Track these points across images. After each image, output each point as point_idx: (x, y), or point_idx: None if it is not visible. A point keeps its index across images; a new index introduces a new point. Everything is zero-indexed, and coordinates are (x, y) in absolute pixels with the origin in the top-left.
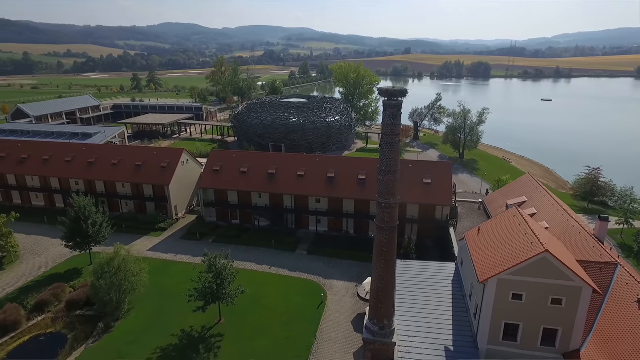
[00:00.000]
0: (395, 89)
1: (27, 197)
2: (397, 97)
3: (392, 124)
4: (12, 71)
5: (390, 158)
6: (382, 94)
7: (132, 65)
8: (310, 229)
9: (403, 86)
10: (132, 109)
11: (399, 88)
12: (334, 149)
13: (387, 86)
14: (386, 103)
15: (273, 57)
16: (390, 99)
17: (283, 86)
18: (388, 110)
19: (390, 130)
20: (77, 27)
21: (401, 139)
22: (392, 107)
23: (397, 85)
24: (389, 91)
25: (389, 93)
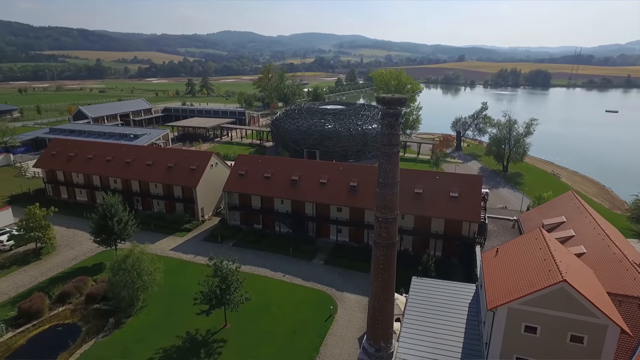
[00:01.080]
0: (393, 98)
1: (73, 192)
2: (395, 106)
3: (389, 134)
4: (85, 76)
5: (387, 170)
6: (380, 102)
7: (190, 71)
8: (331, 238)
9: (400, 95)
10: (181, 113)
11: (398, 96)
12: (369, 157)
13: (386, 94)
14: (384, 112)
15: (323, 64)
16: (388, 108)
17: (329, 93)
18: (386, 119)
19: (388, 141)
20: (144, 35)
21: (441, 149)
22: (389, 116)
23: (395, 94)
24: (386, 99)
25: (386, 101)
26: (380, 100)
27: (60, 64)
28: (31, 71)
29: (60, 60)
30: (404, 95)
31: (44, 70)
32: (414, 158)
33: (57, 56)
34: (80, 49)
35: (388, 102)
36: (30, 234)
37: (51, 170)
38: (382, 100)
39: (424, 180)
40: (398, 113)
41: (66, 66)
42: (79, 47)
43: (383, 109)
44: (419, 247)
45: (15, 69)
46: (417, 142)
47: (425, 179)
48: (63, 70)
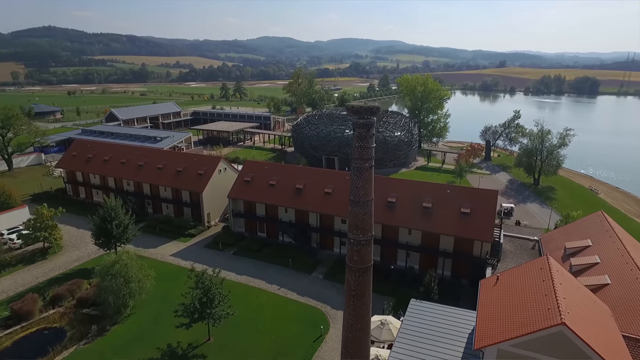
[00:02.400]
0: (364, 106)
1: (90, 193)
2: (366, 115)
3: (360, 147)
4: (130, 79)
5: (359, 186)
6: (349, 112)
7: (228, 76)
8: (335, 250)
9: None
10: (209, 116)
11: (369, 105)
12: (390, 165)
13: (358, 102)
14: (354, 122)
15: (358, 70)
16: (358, 118)
17: (360, 98)
18: (356, 130)
19: (359, 154)
20: (187, 41)
21: (467, 159)
22: (360, 126)
23: (368, 102)
24: (355, 108)
25: (355, 111)
26: (349, 110)
27: (109, 68)
28: (82, 75)
29: (108, 64)
30: (375, 104)
31: (93, 74)
32: (437, 168)
33: (106, 61)
34: (128, 54)
35: (357, 111)
36: (37, 233)
37: (71, 171)
38: (351, 110)
39: (433, 193)
40: (369, 123)
41: (113, 70)
42: (127, 52)
43: (353, 119)
44: (426, 265)
45: (68, 73)
46: (442, 150)
47: (435, 193)
48: (110, 74)
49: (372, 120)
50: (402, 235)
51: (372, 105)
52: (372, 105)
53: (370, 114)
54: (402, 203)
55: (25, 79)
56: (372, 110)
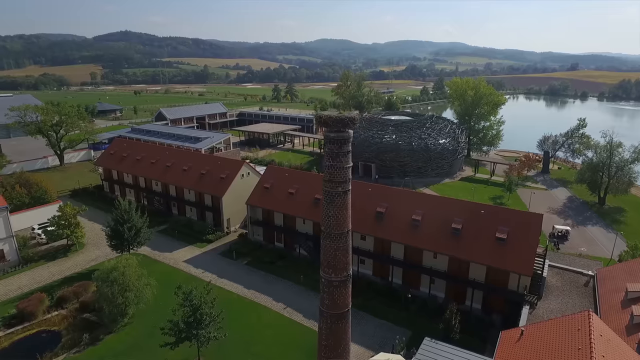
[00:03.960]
0: (335, 117)
1: (124, 191)
2: (337, 127)
3: (331, 167)
4: (192, 80)
5: (329, 215)
6: (319, 122)
7: (283, 77)
8: (353, 268)
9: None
10: (253, 117)
11: (345, 115)
12: (432, 174)
13: (330, 111)
14: (325, 135)
15: (414, 72)
16: (329, 130)
17: (412, 102)
18: (327, 146)
19: (330, 176)
20: (248, 44)
21: (520, 172)
22: (331, 141)
23: (348, 111)
24: (323, 119)
25: (323, 121)
26: (318, 120)
27: (174, 70)
28: (150, 75)
29: (174, 66)
30: (351, 114)
31: (159, 75)
32: (485, 179)
33: (172, 62)
34: (193, 56)
35: (325, 122)
36: (59, 231)
37: (107, 169)
38: (319, 120)
39: (465, 213)
40: (343, 138)
41: (177, 71)
42: (192, 54)
43: (325, 132)
44: (452, 295)
45: (138, 74)
46: (492, 161)
47: (467, 212)
48: (175, 75)
49: (346, 134)
50: (426, 259)
51: (345, 115)
52: (346, 115)
53: (342, 126)
54: (429, 222)
55: (101, 79)
56: (344, 121)
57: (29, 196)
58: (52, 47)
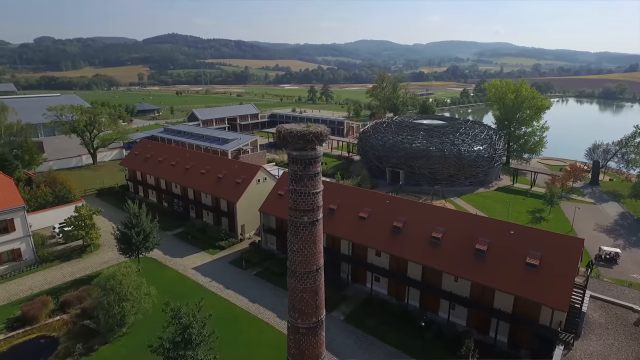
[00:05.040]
0: (300, 132)
1: (146, 192)
2: (303, 145)
3: (294, 192)
4: (232, 81)
5: (294, 250)
6: (278, 138)
7: (321, 78)
8: (367, 285)
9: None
10: (285, 119)
11: (308, 130)
12: (465, 183)
13: (294, 125)
14: (287, 154)
15: (455, 73)
16: (291, 149)
17: (451, 104)
18: (290, 166)
19: (294, 202)
20: (289, 45)
21: (564, 183)
22: (294, 161)
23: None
24: (283, 134)
25: (283, 137)
26: (277, 135)
27: (215, 71)
28: (192, 76)
29: (216, 67)
30: (317, 129)
31: (201, 76)
32: (524, 190)
33: (215, 64)
34: (234, 57)
35: (284, 138)
36: (74, 231)
37: (132, 169)
38: (278, 135)
39: (491, 232)
40: (307, 158)
41: (219, 72)
42: (234, 56)
43: (287, 151)
44: (474, 324)
45: (182, 75)
46: (533, 170)
47: (493, 232)
48: (216, 76)
49: (311, 153)
50: (446, 282)
51: (310, 130)
52: (310, 130)
53: (305, 144)
54: (450, 241)
55: (147, 79)
56: (306, 138)
57: (53, 195)
58: (105, 49)
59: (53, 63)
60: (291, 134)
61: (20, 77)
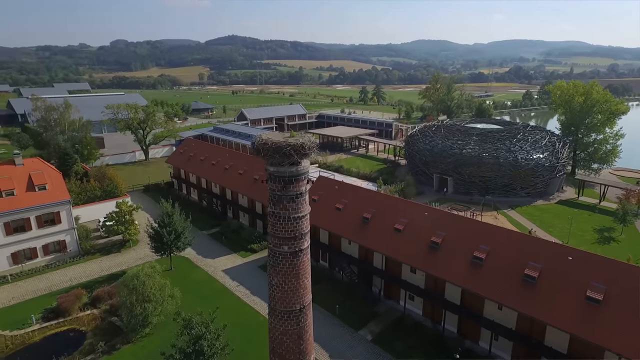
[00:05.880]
0: (275, 143)
1: (189, 190)
2: (280, 160)
3: (273, 215)
4: (286, 81)
5: (273, 284)
6: (255, 151)
7: (375, 79)
8: (400, 303)
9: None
10: (332, 120)
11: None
12: (521, 194)
13: (274, 134)
14: (265, 169)
15: (519, 74)
16: (267, 163)
17: (511, 107)
18: (269, 184)
19: (272, 228)
20: (344, 46)
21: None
22: (272, 179)
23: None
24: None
25: (257, 149)
26: (255, 147)
27: (271, 71)
28: (249, 77)
29: (272, 67)
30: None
31: (257, 76)
32: (592, 205)
33: (271, 64)
34: (290, 58)
35: (257, 150)
36: (114, 227)
37: (176, 167)
38: (254, 147)
39: (545, 257)
40: (286, 175)
41: (274, 73)
42: (289, 56)
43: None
44: (520, 357)
45: (239, 75)
46: (604, 182)
47: (547, 255)
48: (271, 76)
49: (292, 169)
50: (489, 309)
51: (287, 142)
52: (288, 142)
53: (283, 158)
54: (495, 263)
55: (207, 79)
56: (281, 151)
57: (101, 189)
58: (171, 50)
59: (125, 64)
60: (265, 145)
61: (96, 77)
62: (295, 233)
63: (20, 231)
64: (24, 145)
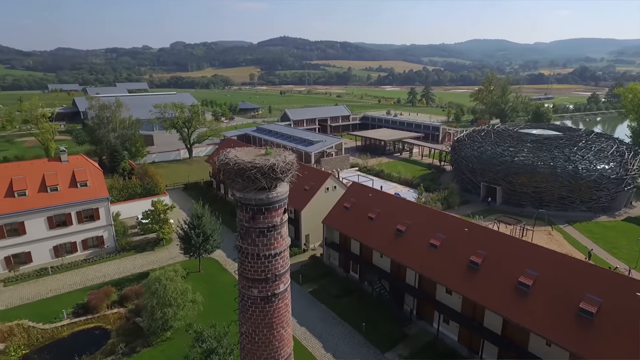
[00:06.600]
0: (241, 164)
1: (226, 190)
2: (245, 185)
3: (241, 251)
4: (334, 82)
5: (242, 332)
6: (222, 172)
7: (425, 80)
8: (433, 325)
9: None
10: (376, 122)
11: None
12: (581, 208)
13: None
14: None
15: (584, 76)
16: (235, 190)
17: (574, 111)
18: (240, 211)
19: (241, 267)
20: (394, 46)
21: None
22: (240, 207)
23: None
24: (221, 165)
25: (218, 169)
26: (220, 167)
27: (319, 72)
28: (297, 77)
29: (320, 68)
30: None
31: (305, 77)
32: None
33: (320, 65)
34: (339, 59)
35: (226, 172)
36: (149, 225)
37: (214, 166)
38: (219, 168)
39: (603, 287)
40: (254, 205)
41: (322, 73)
42: (339, 57)
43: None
44: None
45: (288, 75)
46: None
47: (606, 287)
48: (319, 77)
49: (260, 198)
50: (534, 344)
51: (253, 163)
52: (254, 163)
53: (247, 182)
54: (544, 292)
55: (257, 80)
56: (245, 173)
57: (141, 187)
58: (225, 52)
59: (182, 65)
60: (226, 166)
61: (155, 77)
62: (266, 274)
63: (62, 225)
64: (81, 141)
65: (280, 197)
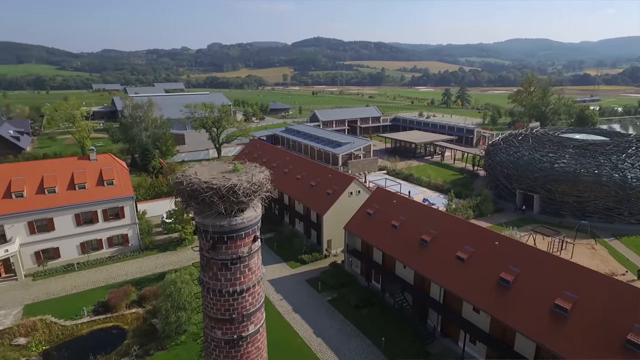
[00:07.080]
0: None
1: None
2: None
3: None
4: (367, 83)
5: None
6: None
7: (461, 81)
8: (459, 344)
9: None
10: (408, 124)
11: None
12: (630, 220)
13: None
14: None
15: (635, 77)
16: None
17: (623, 114)
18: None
19: (204, 305)
20: (430, 46)
21: None
22: (200, 234)
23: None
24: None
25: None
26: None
27: (352, 72)
28: (330, 77)
29: (353, 69)
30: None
31: (338, 77)
32: None
33: (353, 65)
34: (373, 59)
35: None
36: (172, 225)
37: None
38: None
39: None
40: (215, 232)
41: (355, 74)
42: (372, 57)
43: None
44: None
45: (321, 76)
46: None
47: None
48: (352, 77)
49: (222, 225)
50: None
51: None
52: (211, 184)
53: (203, 206)
54: (585, 318)
55: (290, 80)
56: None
57: (167, 185)
58: (259, 52)
59: (218, 65)
60: (179, 186)
61: (192, 77)
62: (231, 314)
63: (88, 223)
64: (116, 140)
65: (247, 223)
